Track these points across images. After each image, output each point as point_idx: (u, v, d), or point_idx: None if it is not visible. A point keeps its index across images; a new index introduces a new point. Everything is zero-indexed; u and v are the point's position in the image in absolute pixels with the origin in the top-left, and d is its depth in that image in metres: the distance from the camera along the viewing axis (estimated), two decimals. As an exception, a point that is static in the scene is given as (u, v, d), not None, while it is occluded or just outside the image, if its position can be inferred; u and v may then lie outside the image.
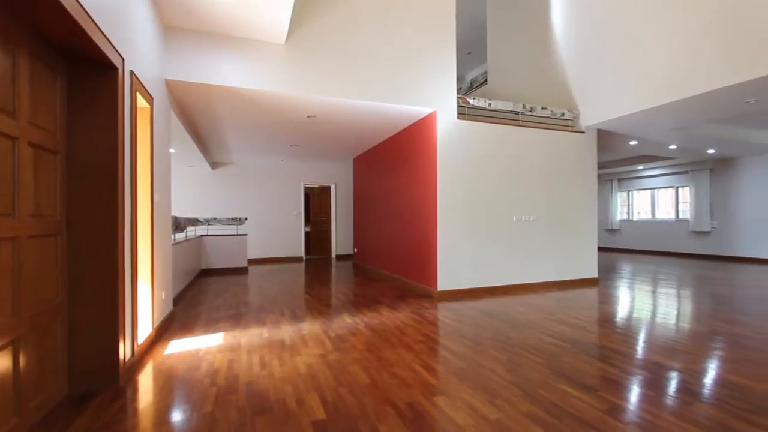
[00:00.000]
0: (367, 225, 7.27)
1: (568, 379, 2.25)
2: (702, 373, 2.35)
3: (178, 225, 5.21)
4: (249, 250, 8.17)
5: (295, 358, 2.63)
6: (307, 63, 3.98)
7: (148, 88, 2.85)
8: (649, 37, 4.47)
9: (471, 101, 4.87)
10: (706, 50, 3.91)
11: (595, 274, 5.56)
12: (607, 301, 4.43)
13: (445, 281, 4.62)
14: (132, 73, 2.45)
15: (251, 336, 3.14)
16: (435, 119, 4.63)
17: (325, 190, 9.69)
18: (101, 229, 2.12)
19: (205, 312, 4.00)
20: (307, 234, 9.74)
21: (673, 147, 7.12)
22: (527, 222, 5.08)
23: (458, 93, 9.39)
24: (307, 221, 10.03)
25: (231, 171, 8.55)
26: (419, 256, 5.05)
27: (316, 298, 4.71)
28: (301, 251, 9.10)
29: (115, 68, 2.17)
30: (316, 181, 9.29)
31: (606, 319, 3.66)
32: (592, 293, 4.83)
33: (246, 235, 7.26)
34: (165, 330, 3.31)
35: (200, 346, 2.91)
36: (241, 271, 7.02)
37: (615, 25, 4.91)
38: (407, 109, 4.58)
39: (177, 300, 4.50)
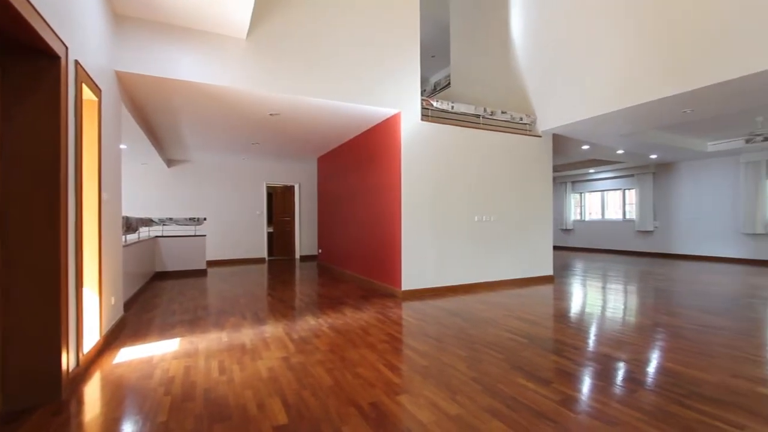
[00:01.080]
0: (332, 225, 7.22)
1: (525, 373, 2.35)
2: (645, 362, 2.52)
3: (130, 225, 4.93)
4: (208, 251, 7.86)
5: (256, 362, 2.56)
6: (270, 60, 3.90)
7: (95, 80, 2.67)
8: (599, 48, 4.75)
9: (434, 103, 4.96)
10: (649, 63, 4.20)
11: (550, 272, 5.83)
12: (561, 297, 4.66)
13: (409, 281, 4.68)
14: (77, 62, 2.28)
15: (210, 341, 3.03)
16: (399, 120, 4.67)
17: (288, 190, 9.52)
18: (40, 230, 1.96)
19: (159, 317, 3.80)
20: (269, 234, 9.52)
21: (620, 152, 7.60)
22: (488, 222, 5.24)
23: (422, 95, 9.51)
24: (270, 221, 9.80)
25: (188, 169, 8.19)
26: (384, 256, 5.07)
27: (279, 299, 4.62)
28: (263, 252, 8.88)
29: (57, 57, 2.01)
30: (280, 181, 9.10)
31: (560, 314, 3.84)
32: (547, 290, 5.06)
33: (204, 236, 6.98)
34: (115, 337, 3.12)
35: (154, 353, 2.77)
36: (200, 274, 6.75)
37: (568, 36, 5.16)
38: (372, 109, 4.60)
39: (128, 305, 4.25)
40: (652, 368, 2.43)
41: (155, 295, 4.93)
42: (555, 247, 11.23)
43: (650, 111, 4.62)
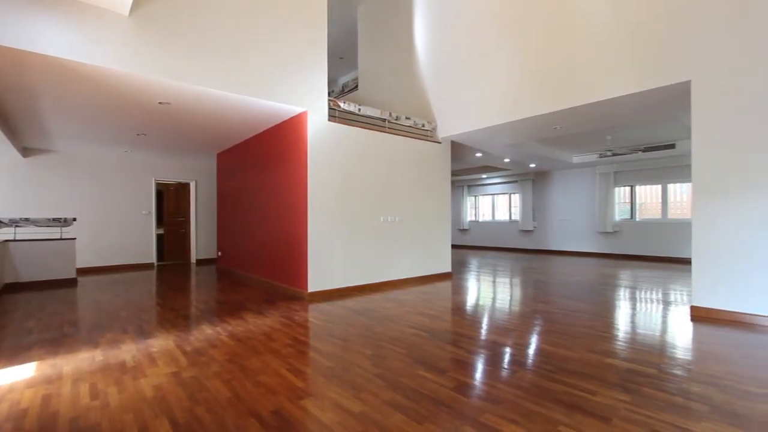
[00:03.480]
0: (233, 226, 6.77)
1: (425, 365, 2.49)
2: (525, 346, 2.87)
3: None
4: (80, 257, 6.73)
5: (139, 381, 2.28)
6: (160, 42, 3.50)
7: None
8: (489, 66, 5.28)
9: (342, 105, 4.98)
10: (529, 85, 4.81)
11: (449, 269, 6.29)
12: (458, 292, 5.05)
13: (316, 282, 4.62)
14: None
15: (79, 362, 2.60)
16: (306, 119, 4.59)
17: (183, 187, 8.66)
18: None
19: (9, 338, 3.14)
20: (159, 237, 8.54)
21: (507, 160, 8.55)
22: (393, 223, 5.45)
23: (330, 96, 9.48)
24: (160, 222, 8.80)
25: (52, 160, 6.92)
26: (289, 258, 4.92)
27: (170, 309, 4.17)
28: (151, 257, 7.92)
29: None
30: (172, 177, 8.22)
31: (457, 307, 4.17)
32: (446, 286, 5.45)
33: (74, 239, 5.97)
34: (-60, 368, 2.49)
35: (-1, 382, 2.28)
36: (68, 284, 5.74)
37: (464, 51, 5.64)
38: (277, 106, 4.43)
39: (-38, 326, 3.42)
40: (530, 350, 2.77)
41: (4, 311, 4.06)
42: (453, 246, 12.14)
43: (529, 125, 5.29)
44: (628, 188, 9.05)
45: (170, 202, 8.78)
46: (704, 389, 2.11)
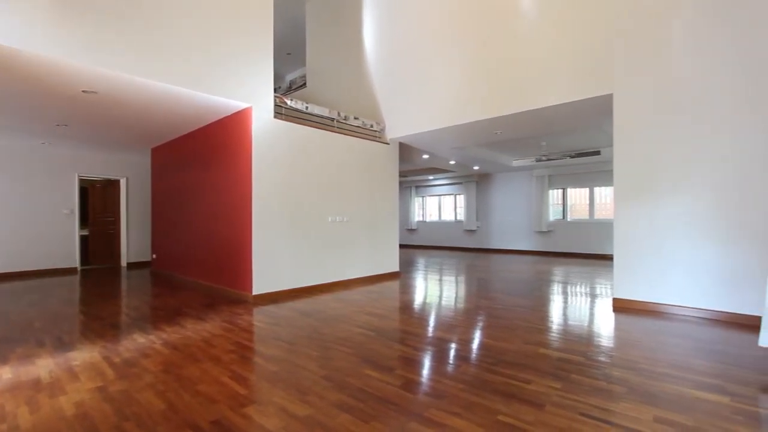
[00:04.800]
0: (170, 226, 6.33)
1: (373, 364, 2.51)
2: (468, 341, 2.99)
3: None
4: (-17, 262, 5.93)
5: (57, 398, 2.05)
6: (84, 23, 3.19)
7: None
8: (435, 71, 5.43)
9: (288, 102, 4.86)
10: (472, 91, 5.02)
11: (397, 268, 6.38)
12: (406, 291, 5.14)
13: (261, 284, 4.46)
14: None
15: (-19, 381, 2.29)
16: (250, 115, 4.42)
17: (111, 185, 7.95)
18: None
19: None
20: (84, 238, 7.78)
21: (452, 162, 8.85)
22: (341, 223, 5.42)
23: (277, 92, 9.22)
24: (85, 222, 8.02)
25: (-52, 152, 6.03)
26: (232, 260, 4.71)
27: (96, 317, 3.81)
28: (74, 260, 7.19)
29: None
30: (99, 173, 7.52)
31: (405, 306, 4.24)
32: (394, 285, 5.52)
33: (-23, 242, 5.25)
34: None
35: None
36: (-33, 293, 5.03)
37: (411, 55, 5.76)
38: (218, 100, 4.22)
39: None
40: (473, 345, 2.89)
41: None
42: (401, 246, 12.34)
43: (473, 129, 5.52)
44: (560, 191, 9.77)
45: (97, 200, 8.03)
46: (623, 373, 2.33)
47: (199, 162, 5.45)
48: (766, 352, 2.62)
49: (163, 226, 6.59)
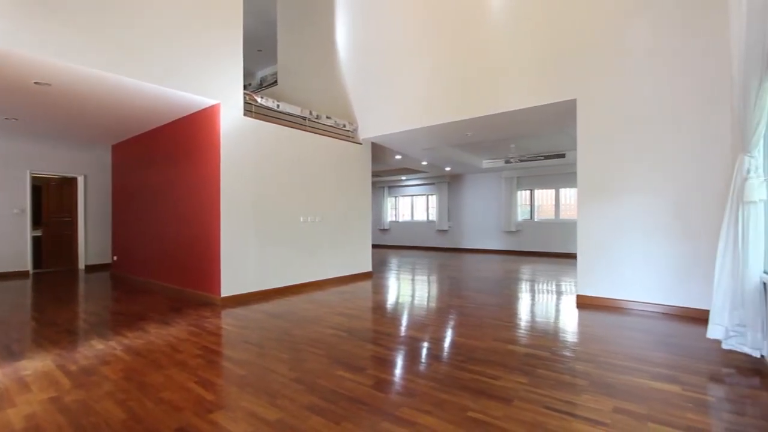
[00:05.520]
0: (133, 227, 6.06)
1: (344, 365, 2.49)
2: (439, 339, 3.03)
3: None
4: None
5: (4, 411, 1.92)
6: (37, 10, 2.99)
7: None
8: (408, 72, 5.48)
9: (259, 99, 4.76)
10: (443, 92, 5.10)
11: (369, 268, 6.38)
12: (378, 290, 5.15)
13: (229, 286, 4.34)
14: None
15: None
16: (218, 112, 4.29)
17: (68, 183, 7.51)
18: None
19: None
20: (37, 240, 7.30)
21: (424, 163, 8.94)
22: (313, 223, 5.36)
23: (247, 89, 9.02)
24: (38, 223, 7.53)
25: None
26: (199, 261, 4.56)
27: (50, 324, 3.58)
28: (26, 263, 6.73)
29: None
30: (54, 170, 7.08)
31: (377, 306, 4.25)
32: (367, 285, 5.52)
33: None
34: None
35: None
36: None
37: (384, 56, 5.78)
38: (184, 96, 4.08)
39: None
40: (444, 343, 2.93)
41: None
42: (374, 246, 12.34)
43: (444, 131, 5.60)
44: (528, 192, 10.08)
45: (51, 199, 7.56)
46: (585, 366, 2.43)
47: (165, 160, 5.24)
48: (713, 343, 2.80)
49: (125, 226, 6.29)
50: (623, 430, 1.70)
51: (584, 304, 4.15)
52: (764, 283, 2.38)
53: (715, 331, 2.59)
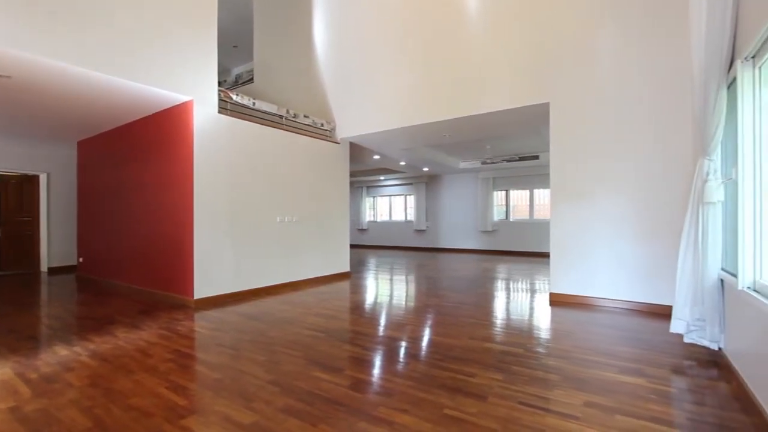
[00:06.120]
0: (100, 227, 5.81)
1: (321, 366, 2.47)
2: (418, 339, 3.05)
3: None
4: None
5: (-43, 423, 1.81)
6: (-8, 0, 2.83)
7: None
8: (386, 73, 5.49)
9: (234, 97, 4.66)
10: (421, 94, 5.14)
11: (347, 269, 6.36)
12: (356, 291, 5.14)
13: (203, 288, 4.23)
14: None
15: None
16: (192, 109, 4.18)
17: (29, 181, 7.13)
18: None
19: None
20: (-7, 241, 6.89)
21: (403, 163, 8.99)
22: (290, 223, 5.29)
23: (222, 86, 8.82)
24: (-6, 223, 7.11)
25: None
26: (171, 263, 4.42)
27: (8, 330, 3.39)
28: (-20, 266, 6.34)
29: None
30: (13, 167, 6.70)
31: (355, 306, 4.24)
32: (345, 285, 5.50)
33: None
34: None
35: None
36: None
37: (363, 56, 5.77)
38: (155, 91, 3.95)
39: None
40: (421, 343, 2.96)
41: None
42: (352, 246, 12.30)
43: (422, 131, 5.65)
44: (504, 192, 10.28)
45: (10, 198, 7.16)
46: (558, 362, 2.51)
47: (135, 157, 5.05)
48: (676, 337, 2.94)
49: (92, 226, 6.03)
50: (593, 423, 1.76)
51: (557, 301, 4.27)
52: (721, 280, 2.52)
53: (677, 325, 2.72)
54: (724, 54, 2.28)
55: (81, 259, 6.30)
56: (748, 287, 2.10)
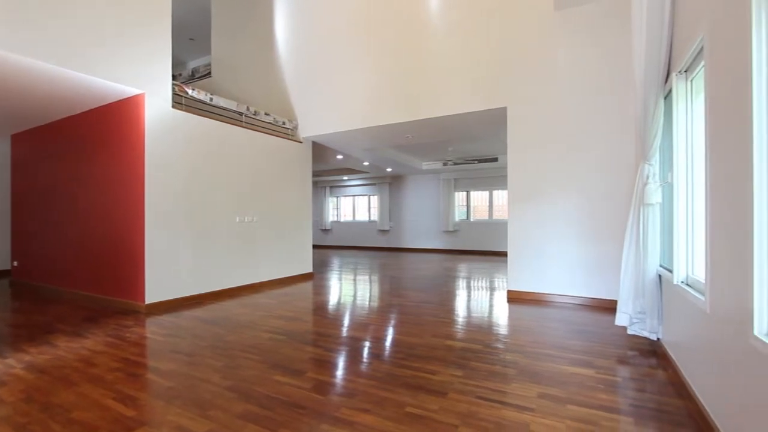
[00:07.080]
0: (39, 228, 5.35)
1: (282, 369, 2.42)
2: (380, 338, 3.07)
3: None
4: None
5: None
6: None
7: None
8: (349, 73, 5.47)
9: (190, 91, 4.46)
10: (385, 95, 5.17)
11: (310, 269, 6.27)
12: (319, 291, 5.08)
13: (156, 292, 4.02)
14: None
15: None
16: (143, 103, 3.95)
17: (-49, 178, 6.43)
18: None
19: None
20: None
21: (366, 163, 8.99)
22: (250, 223, 5.14)
23: (177, 79, 8.41)
24: None
25: None
26: (120, 266, 4.16)
27: (-74, 342, 3.05)
28: None
29: None
30: (-68, 163, 6.03)
31: (318, 307, 4.18)
32: (307, 286, 5.42)
33: None
34: None
35: None
36: None
37: (325, 55, 5.71)
38: (99, 82, 3.69)
39: None
40: (384, 342, 2.97)
41: None
42: (315, 246, 12.15)
43: (385, 132, 5.68)
44: (465, 193, 10.56)
45: (-71, 196, 6.42)
46: (514, 357, 2.61)
47: (79, 153, 4.70)
48: (621, 329, 3.15)
49: (29, 227, 5.54)
50: (547, 414, 1.85)
51: (514, 298, 4.44)
52: (659, 275, 2.73)
53: (621, 318, 2.91)
54: (662, 67, 2.47)
55: (15, 263, 5.78)
56: (682, 282, 2.28)
